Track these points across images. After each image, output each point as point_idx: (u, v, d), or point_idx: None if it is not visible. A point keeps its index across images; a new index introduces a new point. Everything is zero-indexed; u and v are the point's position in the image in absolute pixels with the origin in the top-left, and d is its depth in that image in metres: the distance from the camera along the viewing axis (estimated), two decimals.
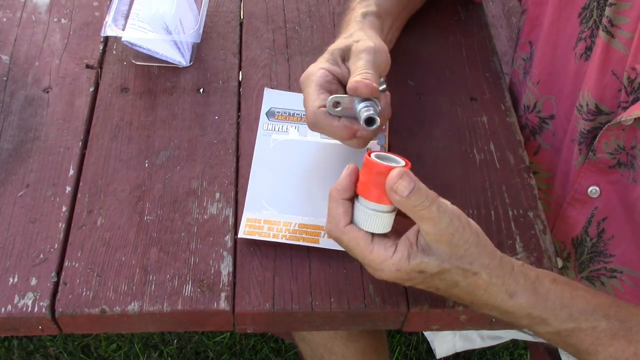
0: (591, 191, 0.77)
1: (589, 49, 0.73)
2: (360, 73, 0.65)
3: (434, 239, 0.56)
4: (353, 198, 0.59)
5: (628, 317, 0.62)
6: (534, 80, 0.84)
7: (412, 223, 0.57)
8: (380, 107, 0.64)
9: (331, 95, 0.66)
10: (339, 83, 0.69)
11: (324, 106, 0.66)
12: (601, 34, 0.70)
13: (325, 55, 0.70)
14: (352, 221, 0.58)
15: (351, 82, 0.64)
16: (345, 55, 0.69)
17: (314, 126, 0.67)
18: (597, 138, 0.72)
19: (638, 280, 0.80)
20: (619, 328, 0.61)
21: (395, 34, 0.84)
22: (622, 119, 0.68)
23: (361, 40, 0.69)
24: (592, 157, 0.74)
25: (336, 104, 0.65)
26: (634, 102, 0.68)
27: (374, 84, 0.63)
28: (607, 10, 0.68)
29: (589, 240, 0.81)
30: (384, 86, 0.68)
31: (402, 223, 0.59)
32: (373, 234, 0.58)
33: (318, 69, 0.68)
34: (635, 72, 0.66)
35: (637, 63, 0.66)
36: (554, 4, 0.78)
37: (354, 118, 0.65)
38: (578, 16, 0.75)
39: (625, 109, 0.69)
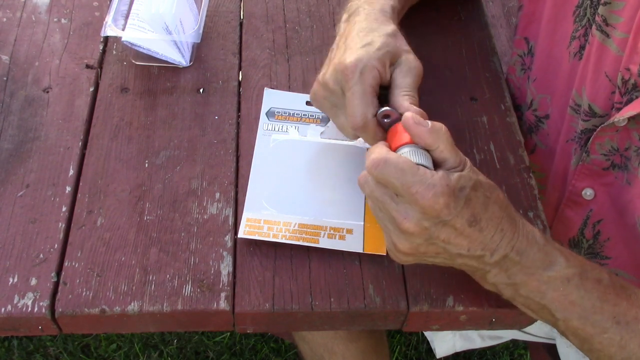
0: (585, 193, 0.77)
1: (582, 48, 0.73)
2: (415, 113, 0.62)
3: (457, 161, 0.58)
4: None
5: (627, 284, 0.62)
6: (532, 77, 0.84)
7: None
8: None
9: (377, 100, 0.65)
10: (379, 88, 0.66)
11: (375, 114, 0.64)
12: (595, 33, 0.69)
13: (378, 53, 0.65)
14: None
15: (409, 120, 0.60)
16: (393, 59, 0.67)
17: (361, 129, 0.64)
18: (591, 140, 0.72)
19: (632, 284, 0.80)
20: (620, 289, 0.61)
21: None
22: (616, 120, 0.68)
23: (410, 54, 0.67)
24: (586, 159, 0.74)
25: (387, 116, 0.63)
26: (627, 102, 0.67)
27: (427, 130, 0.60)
28: (601, 9, 0.68)
29: (585, 242, 0.81)
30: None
31: None
32: None
33: (372, 67, 0.64)
34: (630, 73, 0.66)
35: (632, 64, 0.65)
36: (552, 0, 0.78)
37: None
38: (572, 14, 0.75)
39: (619, 110, 0.69)
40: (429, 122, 0.58)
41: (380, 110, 0.63)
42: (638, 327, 0.60)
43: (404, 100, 0.64)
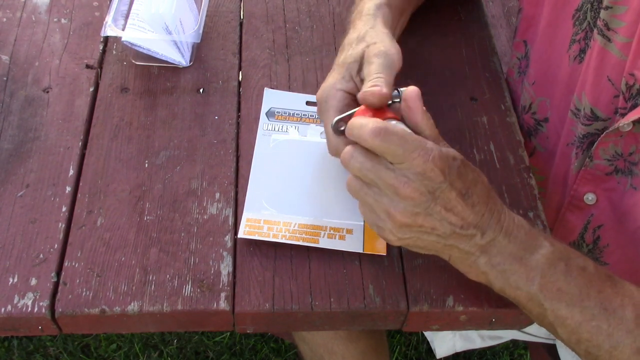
0: (587, 198, 0.77)
1: (582, 51, 0.73)
2: (371, 79, 0.64)
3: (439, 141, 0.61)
4: None
5: (611, 273, 0.63)
6: (529, 81, 0.84)
7: None
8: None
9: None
10: (355, 100, 0.67)
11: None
12: (597, 37, 0.69)
13: (341, 70, 0.68)
14: None
15: (360, 94, 0.63)
16: (360, 66, 0.68)
17: (337, 155, 0.65)
18: (595, 145, 0.72)
19: None
20: (605, 277, 0.62)
21: (401, 29, 0.82)
22: (621, 125, 0.67)
23: (372, 45, 0.68)
24: (589, 164, 0.74)
25: (339, 123, 0.63)
26: (632, 108, 0.67)
27: (383, 90, 0.62)
28: (603, 14, 0.68)
29: (585, 247, 0.81)
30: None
31: None
32: None
33: (336, 91, 0.67)
34: (634, 78, 0.66)
35: (637, 69, 0.65)
36: (551, 3, 0.78)
37: None
38: (572, 17, 0.75)
39: (623, 115, 0.68)
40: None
41: (333, 124, 0.64)
42: (624, 314, 0.60)
43: (362, 89, 0.65)
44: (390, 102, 0.64)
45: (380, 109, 0.62)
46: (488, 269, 0.61)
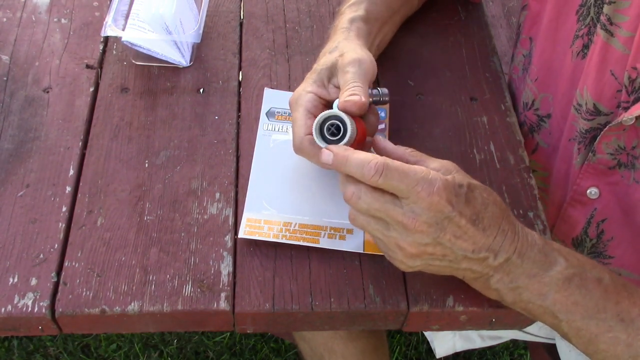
0: (590, 192, 0.77)
1: (586, 46, 0.73)
2: (349, 88, 0.65)
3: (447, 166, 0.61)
4: None
5: (627, 283, 0.63)
6: (532, 78, 0.84)
7: None
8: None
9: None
10: (326, 105, 0.69)
11: (311, 133, 0.66)
12: (600, 32, 0.69)
13: (313, 76, 0.70)
14: None
15: (340, 101, 0.64)
16: (331, 74, 0.69)
17: (299, 151, 0.67)
18: (598, 139, 0.72)
19: (636, 283, 0.80)
20: (621, 287, 0.61)
21: (386, 37, 0.83)
22: (624, 119, 0.68)
23: (345, 53, 0.69)
24: (592, 159, 0.74)
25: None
26: (635, 101, 0.67)
27: (362, 99, 0.64)
28: (606, 8, 0.68)
29: (588, 241, 0.81)
30: (387, 98, 0.70)
31: None
32: None
33: (306, 93, 0.68)
34: (637, 72, 0.66)
35: (639, 62, 0.66)
36: (554, 0, 0.78)
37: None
38: (576, 13, 0.75)
39: (626, 109, 0.69)
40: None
41: (314, 124, 0.64)
42: None
43: (342, 97, 0.66)
44: (371, 100, 0.67)
45: (356, 117, 0.64)
46: (500, 286, 0.61)
